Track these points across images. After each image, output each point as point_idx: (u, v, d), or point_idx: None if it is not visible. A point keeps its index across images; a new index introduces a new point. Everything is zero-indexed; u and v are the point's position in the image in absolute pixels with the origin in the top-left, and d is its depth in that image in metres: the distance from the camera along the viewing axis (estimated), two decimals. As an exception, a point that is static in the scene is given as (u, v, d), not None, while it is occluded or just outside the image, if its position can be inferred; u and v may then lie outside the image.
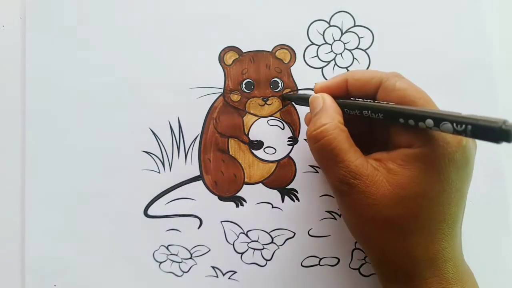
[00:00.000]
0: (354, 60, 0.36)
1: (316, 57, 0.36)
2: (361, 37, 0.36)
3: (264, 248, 0.36)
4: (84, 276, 0.36)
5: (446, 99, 0.36)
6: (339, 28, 0.36)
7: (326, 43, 0.36)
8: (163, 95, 0.36)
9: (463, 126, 0.20)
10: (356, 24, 0.36)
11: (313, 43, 0.36)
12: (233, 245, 0.36)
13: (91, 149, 0.37)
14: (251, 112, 0.36)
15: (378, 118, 0.26)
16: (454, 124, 0.21)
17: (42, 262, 0.36)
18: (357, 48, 0.36)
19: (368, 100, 0.28)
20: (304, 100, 0.32)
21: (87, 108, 0.37)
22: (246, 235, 0.36)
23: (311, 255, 0.36)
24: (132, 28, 0.37)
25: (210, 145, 0.37)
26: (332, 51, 0.36)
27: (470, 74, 0.36)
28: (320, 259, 0.36)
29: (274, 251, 0.36)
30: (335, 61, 0.36)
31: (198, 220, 0.36)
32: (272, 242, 0.36)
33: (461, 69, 0.36)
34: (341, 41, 0.36)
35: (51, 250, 0.37)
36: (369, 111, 0.26)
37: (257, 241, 0.36)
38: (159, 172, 0.37)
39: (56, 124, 0.37)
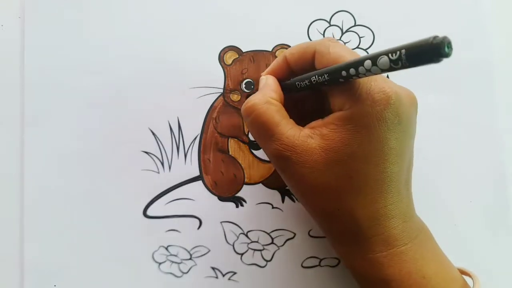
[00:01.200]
0: (355, 60, 0.36)
1: (316, 57, 0.36)
2: (361, 37, 0.36)
3: (264, 248, 0.36)
4: (83, 276, 0.36)
5: (446, 99, 0.36)
6: (340, 27, 0.36)
7: (326, 43, 0.36)
8: (163, 95, 0.36)
9: (397, 53, 0.19)
10: (357, 23, 0.36)
11: (313, 43, 0.36)
12: (233, 245, 0.36)
13: (91, 149, 0.36)
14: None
15: (325, 81, 0.25)
16: (390, 55, 0.20)
17: (41, 262, 0.36)
18: (357, 47, 0.36)
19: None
20: None
21: (87, 108, 0.37)
22: (246, 235, 0.36)
23: (311, 255, 0.36)
24: (132, 27, 0.37)
25: (209, 145, 0.36)
26: (332, 51, 0.36)
27: (470, 74, 0.36)
28: (321, 259, 0.36)
29: (274, 252, 0.36)
30: (335, 61, 0.36)
31: (197, 221, 0.36)
32: (272, 242, 0.36)
33: (461, 69, 0.36)
34: (342, 40, 0.36)
35: (50, 250, 0.36)
36: (316, 76, 0.26)
37: (257, 241, 0.36)
38: (159, 172, 0.36)
39: (55, 124, 0.37)
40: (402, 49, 0.19)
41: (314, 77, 0.26)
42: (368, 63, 0.21)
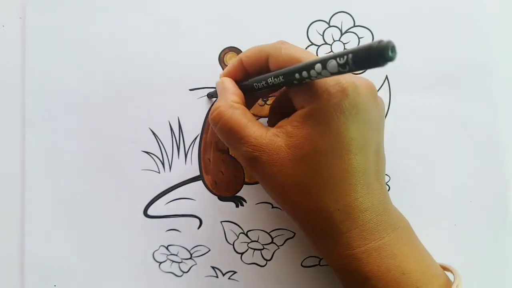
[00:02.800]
0: (354, 60, 0.36)
1: (316, 57, 0.36)
2: (361, 38, 0.36)
3: (264, 248, 0.36)
4: (84, 276, 0.36)
5: (445, 99, 0.36)
6: (339, 28, 0.36)
7: (326, 43, 0.36)
8: (163, 95, 0.36)
9: (345, 57, 0.20)
10: (356, 24, 0.36)
11: (312, 44, 0.36)
12: (233, 245, 0.36)
13: (91, 149, 0.37)
14: (251, 112, 0.36)
15: (280, 82, 0.26)
16: (338, 59, 0.20)
17: (42, 262, 0.36)
18: (357, 48, 0.36)
19: None
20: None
21: (87, 108, 0.37)
22: (246, 235, 0.36)
23: (311, 255, 0.36)
24: (132, 28, 0.37)
25: (210, 145, 0.37)
26: (332, 51, 0.36)
27: (469, 75, 0.36)
28: (320, 259, 0.36)
29: (274, 251, 0.36)
30: (335, 61, 0.36)
31: (198, 220, 0.36)
32: (272, 242, 0.36)
33: (461, 70, 0.36)
34: (341, 41, 0.36)
35: (51, 250, 0.36)
36: (272, 77, 0.27)
37: (257, 241, 0.36)
38: (159, 172, 0.37)
39: (56, 124, 0.37)
40: (349, 53, 0.20)
41: (270, 78, 0.27)
42: (318, 66, 0.22)
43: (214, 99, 0.36)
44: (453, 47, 0.36)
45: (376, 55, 0.18)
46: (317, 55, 0.36)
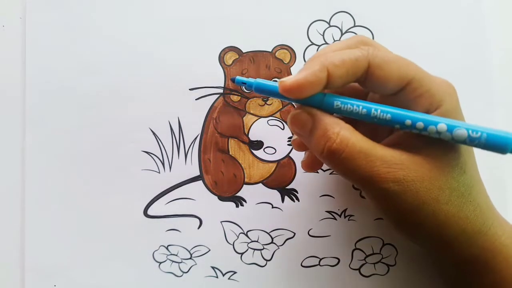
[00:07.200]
0: (354, 60, 0.36)
1: (316, 57, 0.36)
2: (361, 37, 0.36)
3: (264, 248, 0.36)
4: (84, 276, 0.36)
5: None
6: (339, 28, 0.36)
7: (326, 43, 0.36)
8: (163, 95, 0.36)
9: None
10: (356, 24, 0.36)
11: (313, 43, 0.36)
12: (233, 245, 0.36)
13: (91, 149, 0.37)
14: (251, 112, 0.36)
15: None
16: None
17: (42, 262, 0.36)
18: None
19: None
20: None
21: (87, 108, 0.37)
22: (246, 235, 0.36)
23: (311, 255, 0.36)
24: (132, 28, 0.37)
25: (210, 145, 0.37)
26: (332, 51, 0.36)
27: (469, 75, 0.36)
28: (320, 259, 0.36)
29: (274, 251, 0.36)
30: (335, 61, 0.36)
31: (198, 220, 0.36)
32: (272, 242, 0.36)
33: (460, 70, 0.36)
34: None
35: (51, 250, 0.36)
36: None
37: (257, 241, 0.36)
38: (159, 172, 0.36)
39: (56, 124, 0.37)
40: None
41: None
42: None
43: (215, 97, 0.36)
44: (453, 48, 0.36)
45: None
46: (317, 55, 0.36)
